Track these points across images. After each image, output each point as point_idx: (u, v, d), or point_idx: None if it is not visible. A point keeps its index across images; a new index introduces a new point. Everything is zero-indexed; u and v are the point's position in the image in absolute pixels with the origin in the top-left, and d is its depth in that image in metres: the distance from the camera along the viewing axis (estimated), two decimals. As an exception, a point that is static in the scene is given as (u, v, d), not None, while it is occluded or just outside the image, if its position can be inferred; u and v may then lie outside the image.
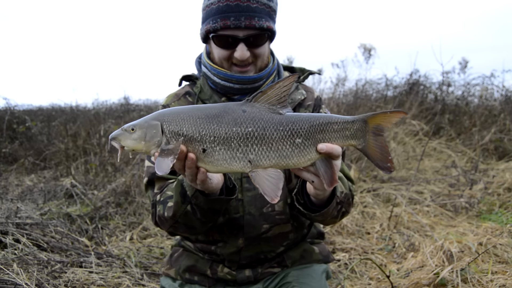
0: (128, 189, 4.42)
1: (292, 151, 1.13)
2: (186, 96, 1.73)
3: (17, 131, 7.11)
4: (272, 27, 1.55)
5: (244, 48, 1.51)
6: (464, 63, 8.65)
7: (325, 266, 1.80)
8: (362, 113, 1.72)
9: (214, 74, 1.61)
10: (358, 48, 8.72)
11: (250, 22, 1.47)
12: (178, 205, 1.43)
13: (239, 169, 1.13)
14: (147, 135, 1.14)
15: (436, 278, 2.46)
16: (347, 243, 3.47)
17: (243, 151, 1.11)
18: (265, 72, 1.62)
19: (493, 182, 4.89)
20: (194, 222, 1.46)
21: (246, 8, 1.46)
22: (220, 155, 1.12)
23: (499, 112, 7.53)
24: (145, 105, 11.04)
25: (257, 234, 1.62)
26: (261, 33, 1.51)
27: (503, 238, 3.00)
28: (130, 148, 1.16)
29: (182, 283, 1.71)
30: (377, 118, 1.19)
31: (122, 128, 1.17)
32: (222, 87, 1.61)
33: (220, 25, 1.48)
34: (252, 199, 1.60)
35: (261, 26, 1.49)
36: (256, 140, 1.10)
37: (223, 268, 1.68)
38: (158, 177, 1.59)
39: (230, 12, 1.47)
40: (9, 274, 2.34)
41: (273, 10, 1.56)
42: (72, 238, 3.28)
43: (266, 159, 1.12)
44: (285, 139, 1.12)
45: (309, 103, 1.71)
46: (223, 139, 1.11)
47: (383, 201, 4.52)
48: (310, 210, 1.46)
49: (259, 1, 1.49)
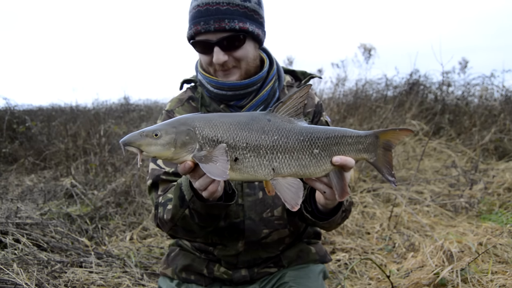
0: (128, 189, 4.42)
1: (310, 161, 1.16)
2: (189, 101, 1.71)
3: (17, 131, 7.11)
4: (247, 28, 1.48)
5: (219, 52, 1.48)
6: (464, 63, 8.65)
7: (322, 266, 1.80)
8: (362, 113, 1.74)
9: (207, 83, 1.60)
10: (358, 48, 8.73)
11: (219, 24, 1.44)
12: (176, 209, 1.42)
13: (262, 177, 1.14)
14: (177, 141, 1.09)
15: (436, 278, 2.46)
16: (347, 243, 3.47)
17: (269, 158, 1.13)
18: (259, 77, 1.58)
19: (493, 182, 4.89)
20: (193, 226, 1.45)
21: (215, 11, 1.44)
22: (249, 162, 1.12)
23: (499, 112, 7.53)
24: (145, 105, 11.06)
25: (257, 239, 1.62)
26: (234, 35, 1.47)
27: (503, 238, 3.00)
28: (153, 155, 1.09)
29: (179, 283, 1.72)
30: (388, 134, 1.26)
31: (141, 134, 1.09)
32: (216, 95, 1.60)
33: (193, 31, 1.48)
34: (253, 204, 1.60)
35: (232, 27, 1.45)
36: (280, 148, 1.14)
37: (220, 267, 1.68)
38: (163, 179, 1.57)
39: (200, 17, 1.45)
40: (9, 274, 2.34)
41: (252, 10, 1.50)
42: (72, 238, 3.28)
43: (288, 167, 1.14)
44: (304, 149, 1.16)
45: (309, 110, 1.70)
46: (253, 146, 1.12)
47: (383, 201, 4.52)
48: (318, 218, 1.47)
49: (230, 3, 1.45)
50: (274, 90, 1.64)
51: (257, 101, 1.61)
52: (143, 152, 1.09)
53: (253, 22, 1.51)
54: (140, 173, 4.71)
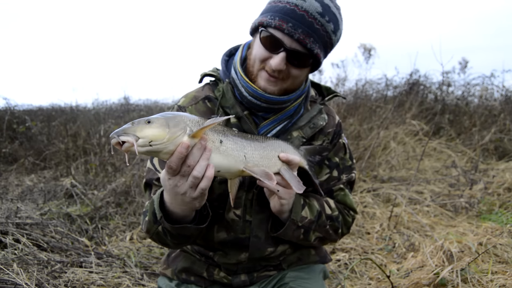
0: (128, 189, 4.42)
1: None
2: (205, 101, 1.60)
3: (17, 131, 7.11)
4: (320, 57, 1.43)
5: (283, 59, 1.39)
6: (464, 63, 8.65)
7: (322, 266, 1.79)
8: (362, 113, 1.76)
9: (243, 87, 1.50)
10: (358, 48, 8.71)
11: (304, 38, 1.36)
12: (150, 224, 1.42)
13: (239, 162, 1.29)
14: (169, 123, 1.14)
15: (436, 278, 2.46)
16: (347, 243, 3.47)
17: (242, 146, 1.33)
18: (296, 95, 1.54)
19: (493, 182, 4.89)
20: (167, 241, 1.45)
21: (308, 23, 1.36)
22: (230, 145, 1.27)
23: (499, 112, 7.53)
24: (145, 105, 11.05)
25: (261, 256, 1.62)
26: (307, 55, 1.40)
27: (503, 238, 3.00)
28: (148, 139, 1.10)
29: (178, 283, 1.71)
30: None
31: (132, 123, 1.12)
32: (248, 102, 1.50)
33: (275, 24, 1.37)
34: (261, 222, 1.59)
35: (311, 49, 1.38)
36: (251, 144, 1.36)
37: (219, 272, 1.67)
38: (155, 184, 1.56)
39: (292, 17, 1.36)
40: (9, 274, 2.34)
41: (331, 44, 1.45)
42: (72, 238, 3.28)
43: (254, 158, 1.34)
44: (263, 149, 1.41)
45: (329, 130, 1.65)
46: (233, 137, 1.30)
47: (383, 201, 4.52)
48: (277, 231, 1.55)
49: (323, 26, 1.38)
50: (300, 106, 1.60)
51: (282, 115, 1.56)
52: (139, 139, 1.09)
53: (324, 53, 1.47)
54: (140, 173, 4.71)
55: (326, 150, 1.62)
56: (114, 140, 1.09)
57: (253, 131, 1.52)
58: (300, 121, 1.59)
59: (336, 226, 1.63)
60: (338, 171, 1.68)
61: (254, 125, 1.54)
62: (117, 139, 1.08)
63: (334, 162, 1.67)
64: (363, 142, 5.96)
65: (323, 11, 1.37)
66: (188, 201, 1.25)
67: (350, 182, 1.74)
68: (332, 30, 1.41)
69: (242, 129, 1.53)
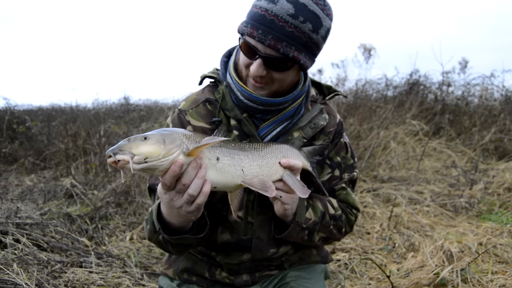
0: (128, 189, 4.42)
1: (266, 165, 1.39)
2: (205, 104, 1.59)
3: (17, 131, 7.11)
4: (299, 59, 1.37)
5: (260, 65, 1.38)
6: (464, 63, 8.65)
7: (323, 266, 1.80)
8: (362, 113, 1.75)
9: (239, 90, 1.50)
10: (358, 48, 8.71)
11: (275, 44, 1.32)
12: (151, 233, 1.43)
13: (236, 178, 1.28)
14: (165, 139, 1.12)
15: (436, 278, 2.46)
16: (347, 243, 3.47)
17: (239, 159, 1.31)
18: (293, 95, 1.52)
19: (493, 182, 4.89)
20: (169, 249, 1.48)
21: (279, 28, 1.32)
22: (227, 161, 1.25)
23: (499, 112, 7.54)
24: (145, 105, 11.03)
25: (263, 257, 1.63)
26: (283, 59, 1.37)
27: (503, 238, 3.00)
28: (143, 156, 1.09)
29: (180, 283, 1.71)
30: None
31: (128, 139, 1.12)
32: (245, 105, 1.50)
33: (247, 31, 1.37)
34: (262, 223, 1.59)
35: (285, 53, 1.33)
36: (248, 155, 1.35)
37: (221, 272, 1.67)
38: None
39: (261, 24, 1.34)
40: (9, 274, 2.34)
41: (314, 43, 1.39)
42: (72, 238, 3.28)
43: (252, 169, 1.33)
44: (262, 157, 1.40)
45: (330, 130, 1.65)
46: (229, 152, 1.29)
47: (383, 201, 4.52)
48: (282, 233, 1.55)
49: (297, 27, 1.32)
50: (301, 106, 1.59)
51: (282, 116, 1.55)
52: (135, 156, 1.08)
53: (308, 53, 1.41)
54: (140, 173, 4.70)
55: (325, 149, 1.62)
56: (110, 159, 1.09)
57: (254, 133, 1.52)
58: (300, 122, 1.59)
59: (339, 226, 1.64)
60: (340, 170, 1.68)
61: (254, 127, 1.54)
62: (113, 158, 1.08)
63: (336, 161, 1.67)
64: (363, 142, 5.96)
65: (296, 12, 1.32)
66: (184, 214, 1.26)
67: (352, 181, 1.74)
68: (311, 29, 1.35)
69: (243, 131, 1.53)
